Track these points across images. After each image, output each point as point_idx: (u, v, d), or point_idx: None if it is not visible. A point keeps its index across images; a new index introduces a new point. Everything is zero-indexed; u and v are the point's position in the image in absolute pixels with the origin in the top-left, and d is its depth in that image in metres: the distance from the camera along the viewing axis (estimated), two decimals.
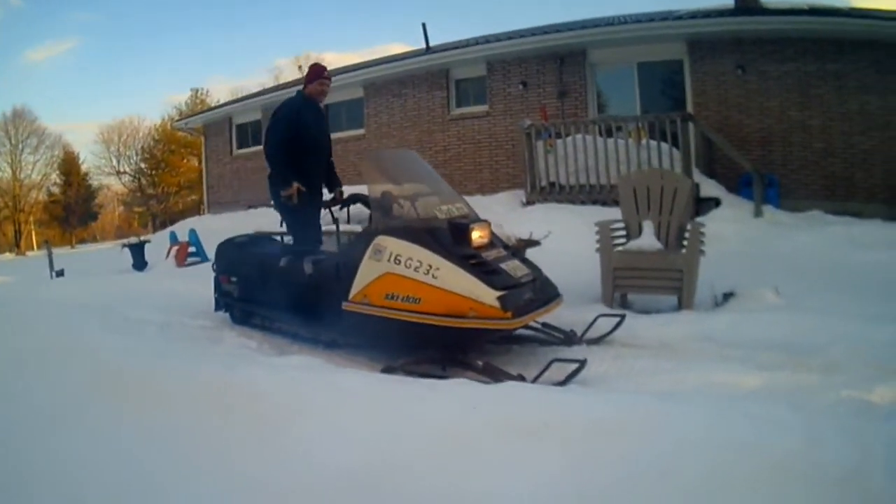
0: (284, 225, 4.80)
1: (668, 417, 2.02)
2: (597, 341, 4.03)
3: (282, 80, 28.11)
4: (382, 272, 3.61)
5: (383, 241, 3.67)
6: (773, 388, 3.00)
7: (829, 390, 2.86)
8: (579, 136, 8.89)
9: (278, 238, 5.04)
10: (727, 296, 4.78)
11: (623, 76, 11.11)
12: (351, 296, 3.73)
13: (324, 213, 4.74)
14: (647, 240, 4.85)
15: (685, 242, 4.82)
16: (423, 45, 13.17)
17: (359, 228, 4.54)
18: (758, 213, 8.23)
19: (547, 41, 11.01)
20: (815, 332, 3.71)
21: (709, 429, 1.91)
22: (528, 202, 9.15)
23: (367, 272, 3.68)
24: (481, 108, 11.57)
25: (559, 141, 9.07)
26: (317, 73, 4.86)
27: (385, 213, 3.87)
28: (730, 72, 10.19)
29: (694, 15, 11.09)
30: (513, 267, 3.71)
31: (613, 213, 7.28)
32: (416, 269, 3.53)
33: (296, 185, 4.42)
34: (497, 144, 11.40)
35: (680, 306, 4.61)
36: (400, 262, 3.57)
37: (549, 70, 11.02)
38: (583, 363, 3.40)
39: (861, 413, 2.41)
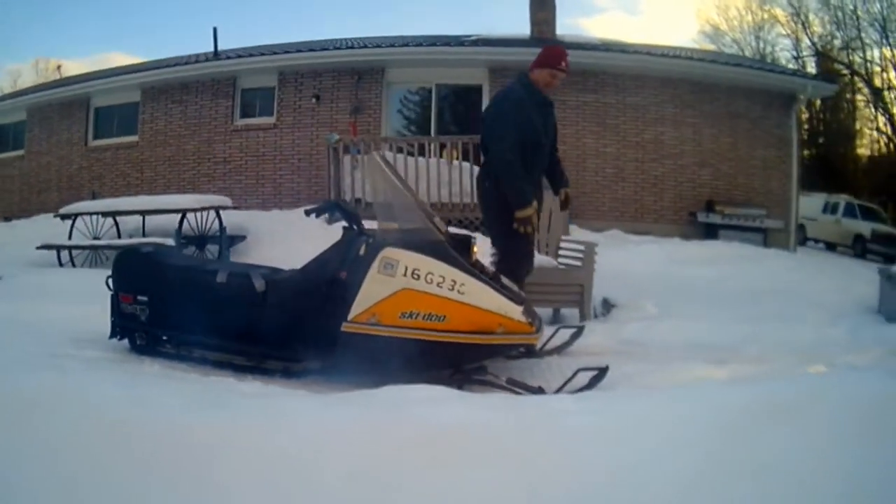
0: (496, 249, 4.45)
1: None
2: (558, 351, 4.33)
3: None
4: (398, 288, 3.51)
5: (394, 253, 3.55)
6: (743, 376, 3.47)
7: (779, 375, 3.30)
8: (389, 154, 9.13)
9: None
10: (607, 307, 5.51)
11: (420, 96, 11.87)
12: (353, 315, 3.55)
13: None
14: (542, 257, 5.30)
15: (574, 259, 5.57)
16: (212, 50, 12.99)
17: None
18: (565, 231, 8.97)
19: (346, 56, 11.54)
20: (717, 333, 4.42)
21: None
22: (334, 219, 9.21)
23: (375, 288, 3.53)
24: (268, 120, 11.72)
25: (363, 157, 9.30)
26: (554, 57, 4.42)
27: (388, 222, 3.82)
28: None
29: (495, 43, 12.05)
30: (509, 282, 3.85)
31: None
32: (439, 285, 3.51)
33: (534, 204, 4.18)
34: (282, 158, 11.59)
35: (582, 318, 5.16)
36: (419, 276, 3.51)
37: (345, 85, 11.46)
38: (605, 369, 3.53)
39: None
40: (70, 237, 8.29)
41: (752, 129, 11.94)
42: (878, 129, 31.54)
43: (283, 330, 3.79)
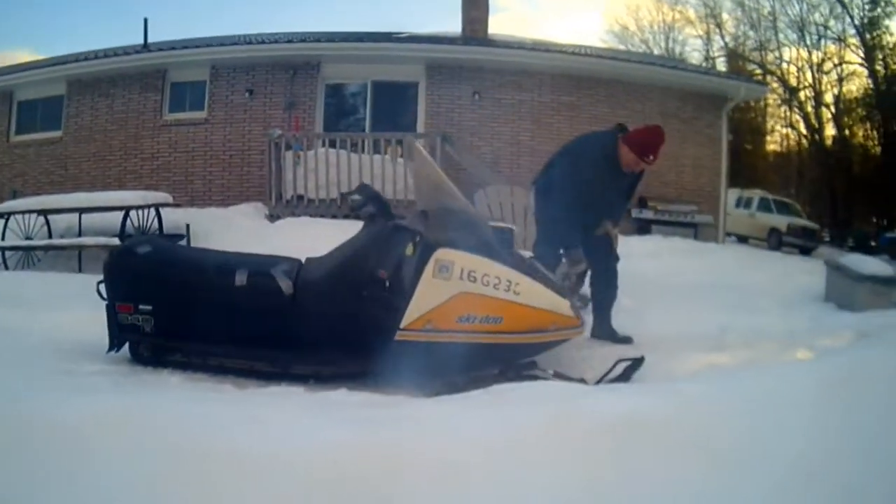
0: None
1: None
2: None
3: None
4: (455, 292, 3.49)
5: (448, 254, 3.52)
6: (749, 361, 3.89)
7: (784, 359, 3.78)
8: (322, 150, 9.60)
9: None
10: (583, 300, 5.49)
11: (356, 92, 12.13)
12: (407, 323, 3.50)
13: None
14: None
15: None
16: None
17: None
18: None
19: (281, 50, 11.71)
20: (698, 324, 4.83)
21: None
22: (274, 216, 9.50)
23: (431, 293, 3.50)
24: (199, 115, 11.75)
25: (310, 153, 9.65)
26: (648, 147, 4.53)
27: (440, 221, 3.74)
28: (466, 96, 11.72)
29: (433, 40, 12.57)
30: (545, 270, 3.97)
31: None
32: (495, 287, 3.52)
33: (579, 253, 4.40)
34: (213, 155, 11.64)
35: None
36: (475, 279, 3.51)
37: (279, 80, 11.59)
38: (641, 359, 3.74)
39: None
40: (3, 237, 8.27)
41: (683, 128, 12.59)
42: (790, 125, 33.77)
43: (316, 335, 3.69)
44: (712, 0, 35.72)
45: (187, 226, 6.41)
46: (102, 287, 3.88)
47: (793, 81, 31.95)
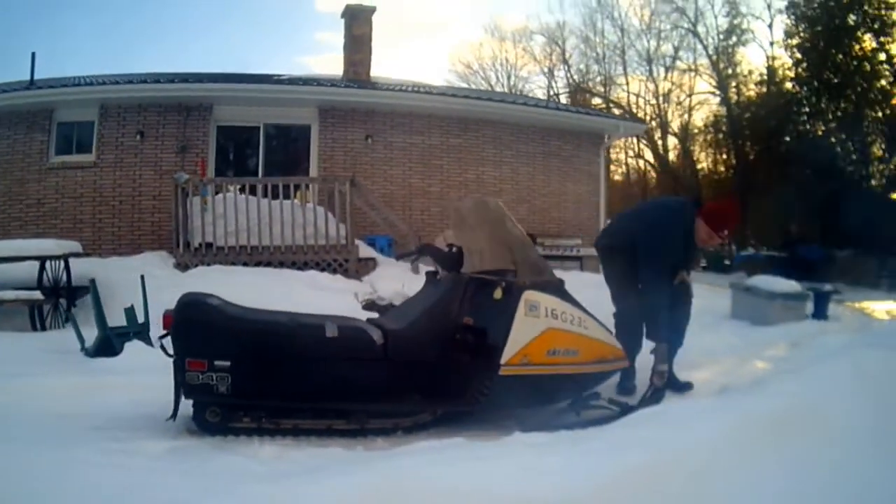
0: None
1: None
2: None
3: None
4: (544, 328, 3.99)
5: (534, 296, 4.03)
6: (727, 373, 5.12)
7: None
8: (237, 195, 9.82)
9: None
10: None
11: (248, 135, 12.46)
12: (507, 358, 3.90)
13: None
14: None
15: None
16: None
17: None
18: (415, 270, 9.76)
19: (173, 91, 11.77)
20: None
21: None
22: (182, 265, 9.46)
23: (524, 330, 3.94)
24: (87, 158, 11.56)
25: (214, 199, 9.80)
26: (723, 222, 4.93)
27: (529, 269, 4.29)
28: (359, 139, 12.38)
29: (325, 83, 13.09)
30: None
31: (285, 276, 8.88)
32: (571, 323, 4.08)
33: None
34: (103, 200, 11.47)
35: None
36: (557, 316, 4.04)
37: (172, 122, 11.68)
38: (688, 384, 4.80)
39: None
40: None
41: (564, 166, 13.95)
42: (638, 155, 36.57)
43: (407, 384, 3.94)
44: (557, 34, 38.48)
45: (92, 280, 6.56)
46: (173, 342, 3.68)
47: (640, 113, 34.44)
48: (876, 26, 23.95)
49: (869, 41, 24.42)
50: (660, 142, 34.19)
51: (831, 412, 2.54)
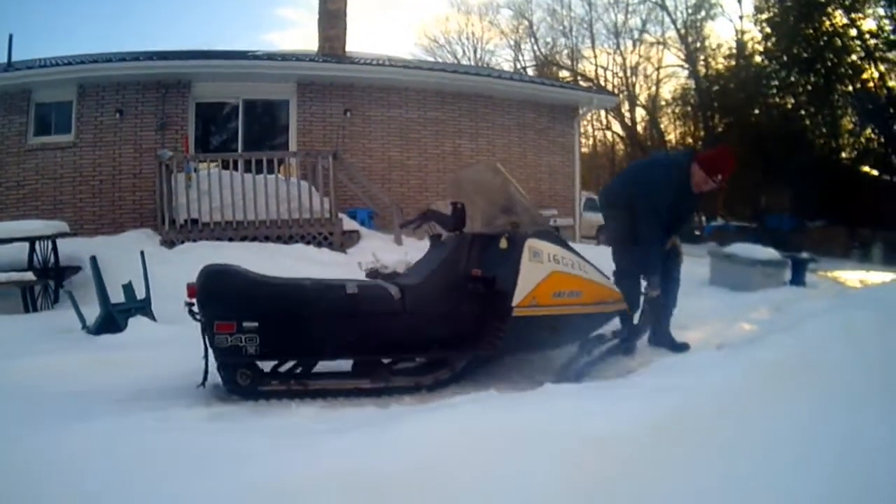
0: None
1: None
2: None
3: None
4: (549, 272, 4.26)
5: (536, 243, 4.28)
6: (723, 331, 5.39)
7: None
8: (221, 171, 9.80)
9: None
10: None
11: (227, 111, 12.50)
12: (518, 301, 4.14)
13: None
14: None
15: None
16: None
17: None
18: (398, 241, 10.27)
19: (151, 68, 11.76)
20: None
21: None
22: (168, 241, 9.49)
23: (530, 275, 4.19)
24: (66, 138, 11.52)
25: (198, 175, 9.81)
26: (717, 167, 5.12)
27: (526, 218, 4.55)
28: (337, 114, 12.45)
29: (303, 58, 13.18)
30: None
31: (273, 249, 8.93)
32: (572, 266, 4.37)
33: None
34: (82, 181, 11.46)
35: None
36: (559, 261, 4.32)
37: (150, 100, 11.67)
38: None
39: None
40: None
41: (539, 138, 14.15)
42: (607, 127, 37.07)
43: (425, 334, 4.14)
44: (525, 7, 38.79)
45: (93, 258, 6.60)
46: (200, 308, 3.81)
47: (608, 86, 34.76)
48: (847, 2, 24.12)
49: (840, 17, 24.60)
50: (627, 114, 34.54)
51: (825, 362, 2.89)
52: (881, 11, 24.19)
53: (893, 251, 19.15)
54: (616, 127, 36.85)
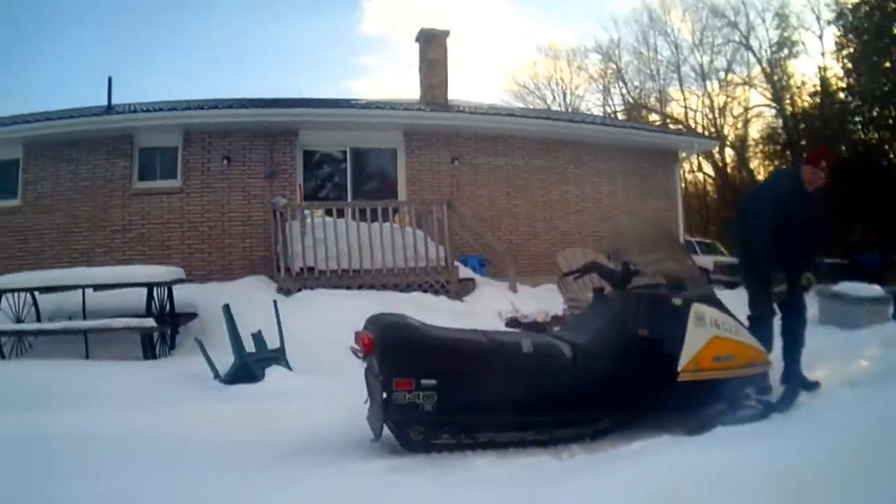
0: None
1: None
2: None
3: None
4: (710, 337, 4.37)
5: (701, 308, 4.42)
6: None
7: None
8: (330, 219, 9.68)
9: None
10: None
11: (335, 160, 12.42)
12: (682, 366, 4.27)
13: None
14: None
15: None
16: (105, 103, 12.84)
17: None
18: (513, 289, 10.16)
19: (259, 115, 11.80)
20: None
21: None
22: (284, 289, 9.37)
23: (695, 340, 4.32)
24: (173, 184, 11.49)
25: (312, 223, 9.75)
26: (816, 157, 5.49)
27: (688, 281, 4.70)
28: (445, 162, 12.32)
29: (409, 107, 13.09)
30: None
31: (391, 298, 8.69)
32: (728, 331, 4.47)
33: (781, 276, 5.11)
34: (191, 226, 11.39)
35: None
36: (719, 325, 4.43)
37: (258, 147, 11.66)
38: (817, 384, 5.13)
39: None
40: None
41: (641, 183, 13.90)
42: (699, 168, 35.80)
43: (594, 392, 4.13)
44: (612, 51, 38.22)
45: (226, 306, 6.00)
46: (378, 364, 3.79)
47: (697, 127, 34.14)
48: None
49: None
50: (717, 155, 33.66)
51: None
52: None
53: None
54: (706, 168, 35.90)
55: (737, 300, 5.68)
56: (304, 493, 2.58)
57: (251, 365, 5.94)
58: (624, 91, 38.39)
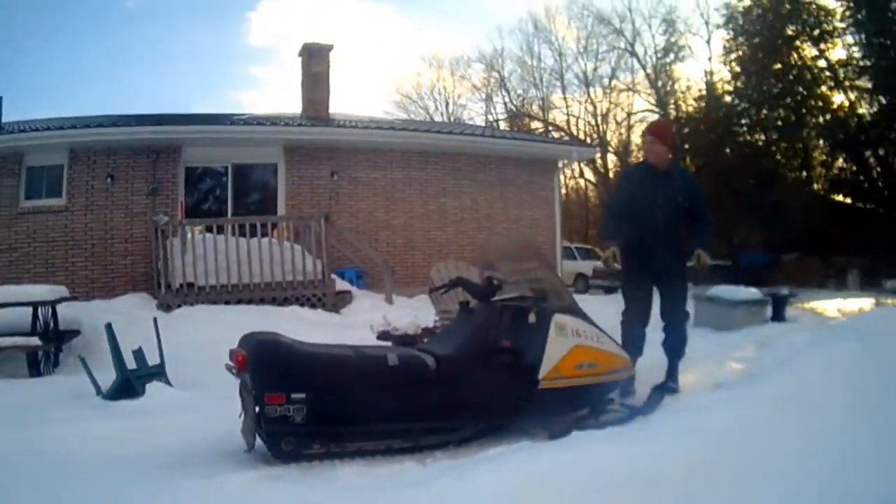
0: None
1: None
2: None
3: None
4: (572, 346, 4.60)
5: (562, 319, 4.64)
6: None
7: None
8: (210, 236, 10.02)
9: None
10: None
11: (217, 175, 12.83)
12: (543, 374, 4.48)
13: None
14: None
15: None
16: None
17: None
18: (389, 300, 10.68)
19: (142, 133, 12.01)
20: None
21: None
22: (164, 305, 9.62)
23: (556, 349, 4.53)
24: (58, 202, 11.65)
25: (193, 240, 10.04)
26: (649, 126, 5.56)
27: (553, 295, 4.92)
28: (325, 176, 12.85)
29: (289, 122, 13.50)
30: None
31: (269, 312, 9.15)
32: (589, 339, 4.71)
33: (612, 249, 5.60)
34: (75, 244, 11.58)
35: None
36: (580, 334, 4.67)
37: (141, 164, 11.92)
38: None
39: None
40: None
41: (520, 193, 14.65)
42: (580, 174, 37.33)
43: (457, 402, 4.34)
44: (496, 61, 39.65)
45: (108, 325, 6.53)
46: (251, 379, 3.93)
47: (580, 134, 35.58)
48: (815, 34, 24.83)
49: (808, 49, 25.29)
50: (599, 161, 35.06)
51: (815, 395, 3.30)
52: (850, 39, 24.77)
53: (868, 276, 19.61)
54: (588, 174, 37.36)
55: (616, 305, 6.16)
56: (179, 502, 2.86)
57: (132, 381, 6.21)
58: (507, 99, 39.66)
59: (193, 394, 6.06)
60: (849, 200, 26.01)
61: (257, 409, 3.88)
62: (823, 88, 25.37)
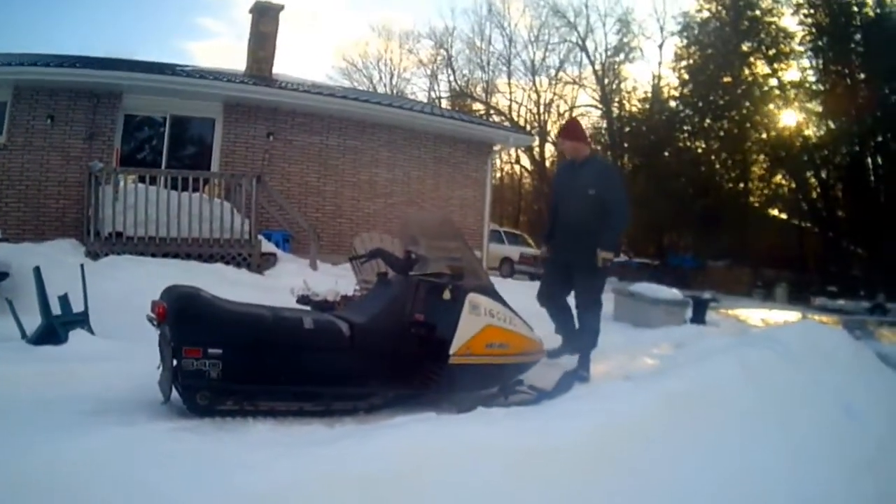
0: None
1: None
2: None
3: None
4: (484, 325, 4.76)
5: (476, 298, 4.79)
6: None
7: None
8: (143, 186, 10.08)
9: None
10: None
11: (155, 125, 12.95)
12: (455, 350, 4.62)
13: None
14: None
15: None
16: None
17: None
18: (313, 266, 10.86)
19: (85, 76, 11.94)
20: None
21: None
22: (92, 253, 9.60)
23: (468, 327, 4.68)
24: None
25: (125, 188, 10.11)
26: (564, 125, 5.45)
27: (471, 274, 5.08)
28: (261, 136, 13.11)
29: (232, 79, 13.60)
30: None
31: (194, 268, 9.25)
32: (502, 320, 4.87)
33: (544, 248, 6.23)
34: (10, 184, 11.55)
35: None
36: (493, 315, 4.82)
37: (81, 108, 11.91)
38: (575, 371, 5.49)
39: None
40: None
41: (453, 172, 15.09)
42: (517, 161, 37.91)
43: (369, 370, 4.53)
44: (445, 39, 39.75)
45: (36, 268, 6.62)
46: (170, 332, 4.01)
47: (520, 121, 36.08)
48: (771, 53, 25.45)
49: (762, 67, 25.90)
50: (537, 149, 35.56)
51: (723, 395, 3.58)
52: (806, 62, 25.48)
53: (796, 291, 20.44)
54: (525, 161, 37.96)
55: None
56: (89, 446, 2.87)
57: (56, 327, 6.28)
58: (452, 78, 40.10)
59: (115, 343, 6.14)
60: (784, 216, 26.79)
61: (175, 361, 3.99)
62: (771, 106, 26.10)
